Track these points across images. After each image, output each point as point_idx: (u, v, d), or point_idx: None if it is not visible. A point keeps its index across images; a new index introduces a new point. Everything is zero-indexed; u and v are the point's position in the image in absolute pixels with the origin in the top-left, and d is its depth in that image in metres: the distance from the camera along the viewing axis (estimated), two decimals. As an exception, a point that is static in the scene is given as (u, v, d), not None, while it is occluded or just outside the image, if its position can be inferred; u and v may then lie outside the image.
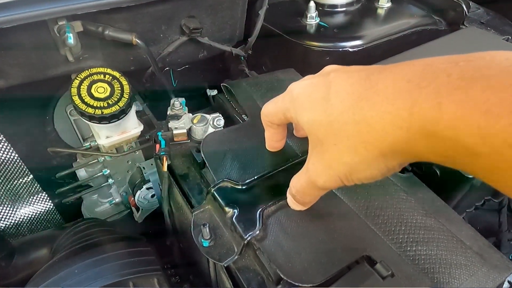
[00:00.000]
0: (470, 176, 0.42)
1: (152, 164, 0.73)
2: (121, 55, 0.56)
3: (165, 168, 0.45)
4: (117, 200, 0.80)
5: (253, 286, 0.36)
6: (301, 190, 0.34)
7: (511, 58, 0.19)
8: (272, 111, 0.35)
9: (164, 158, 0.44)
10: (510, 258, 0.64)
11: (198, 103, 0.96)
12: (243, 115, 0.51)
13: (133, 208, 0.77)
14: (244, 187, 0.41)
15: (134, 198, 0.73)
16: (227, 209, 0.39)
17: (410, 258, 0.34)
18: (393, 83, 0.23)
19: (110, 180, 0.75)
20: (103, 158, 0.69)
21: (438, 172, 0.45)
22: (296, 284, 0.32)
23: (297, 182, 0.34)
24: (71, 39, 0.46)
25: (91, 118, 0.43)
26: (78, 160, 0.76)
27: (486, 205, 0.62)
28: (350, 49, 0.57)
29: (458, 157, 0.20)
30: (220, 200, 0.39)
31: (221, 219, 0.40)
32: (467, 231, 0.38)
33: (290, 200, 0.38)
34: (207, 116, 0.50)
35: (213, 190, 0.40)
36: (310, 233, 0.36)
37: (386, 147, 0.24)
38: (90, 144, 0.70)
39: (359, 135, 0.24)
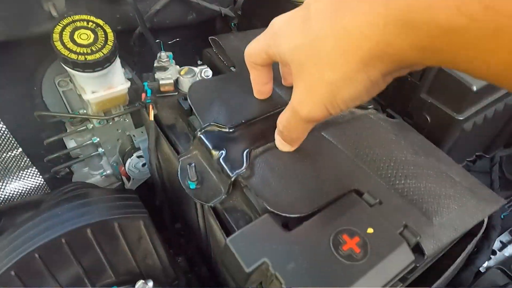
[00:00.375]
0: (461, 118, 0.42)
1: (142, 132, 0.72)
2: (107, 11, 0.55)
3: (151, 117, 0.44)
4: (108, 171, 0.79)
5: (240, 225, 0.35)
6: (287, 124, 0.33)
7: None
8: (255, 50, 0.34)
9: (150, 107, 0.43)
10: (502, 217, 0.64)
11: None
12: (231, 67, 0.50)
13: (124, 178, 0.76)
14: (231, 130, 0.40)
15: (125, 167, 0.72)
16: (214, 152, 0.38)
17: (399, 191, 0.34)
18: None
19: (100, 150, 0.73)
20: (92, 125, 0.67)
21: (428, 117, 0.45)
22: (283, 214, 0.31)
23: (282, 117, 0.34)
24: (53, -12, 0.45)
25: (74, 64, 0.42)
26: (68, 131, 0.74)
27: (478, 166, 0.62)
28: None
29: (438, 42, 0.20)
30: (207, 143, 0.39)
31: (208, 163, 0.39)
32: (457, 169, 0.38)
33: (278, 140, 0.37)
34: (195, 68, 0.49)
35: (199, 133, 0.39)
36: (298, 171, 0.36)
37: (365, 53, 0.23)
38: (78, 112, 0.69)
39: (339, 46, 0.24)
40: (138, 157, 0.71)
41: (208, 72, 0.48)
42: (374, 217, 0.30)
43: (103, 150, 0.74)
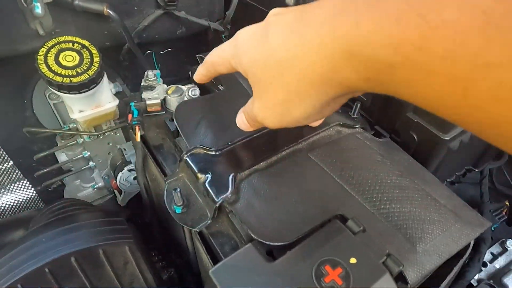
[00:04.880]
0: (446, 138, 0.42)
1: (133, 146, 0.72)
2: (95, 28, 0.54)
3: (138, 138, 0.44)
4: (99, 184, 0.79)
5: (225, 250, 0.35)
6: (247, 120, 0.34)
7: None
8: (220, 59, 0.33)
9: (137, 128, 0.43)
10: (493, 229, 0.64)
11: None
12: (219, 86, 0.50)
13: (116, 191, 0.76)
14: (217, 153, 0.40)
15: (116, 181, 0.72)
16: (199, 175, 0.38)
17: (384, 215, 0.34)
18: (321, 11, 0.23)
19: (91, 163, 0.73)
20: (82, 139, 0.67)
21: (415, 136, 0.45)
22: (267, 242, 0.31)
23: (241, 115, 0.34)
24: (38, 8, 0.45)
25: (60, 87, 0.42)
26: (58, 145, 0.74)
27: (468, 178, 0.62)
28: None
29: (380, 75, 0.20)
30: (193, 166, 0.39)
31: (194, 186, 0.39)
32: (442, 191, 0.38)
33: (239, 119, 0.36)
34: (182, 87, 0.48)
35: (185, 156, 0.39)
36: (282, 195, 0.36)
37: (315, 78, 0.24)
38: (69, 126, 0.69)
39: (291, 70, 0.25)
40: (130, 170, 0.71)
41: (196, 91, 0.48)
42: (358, 246, 0.30)
43: (94, 163, 0.74)
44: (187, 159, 0.39)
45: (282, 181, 0.38)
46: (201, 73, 0.38)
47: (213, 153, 0.40)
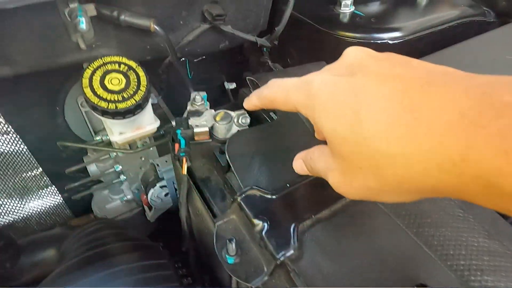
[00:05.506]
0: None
1: (166, 161, 0.69)
2: (137, 43, 0.51)
3: (184, 171, 0.40)
4: (128, 197, 0.76)
5: (285, 312, 0.31)
6: (308, 170, 0.31)
7: None
8: (281, 99, 0.29)
9: (184, 160, 0.39)
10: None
11: (214, 95, 0.91)
12: (270, 113, 0.46)
13: (146, 207, 0.73)
14: (275, 197, 0.36)
15: (147, 197, 0.69)
16: (255, 221, 0.34)
17: (475, 290, 0.29)
18: (441, 112, 0.18)
19: (122, 177, 0.70)
20: (115, 153, 0.64)
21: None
22: (340, 317, 0.27)
23: (305, 162, 0.31)
24: (83, 23, 0.41)
25: (104, 113, 0.38)
26: (88, 154, 0.72)
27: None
28: (390, 41, 0.51)
29: (498, 200, 0.17)
30: (247, 210, 0.35)
31: (248, 232, 0.35)
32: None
33: (298, 166, 0.33)
34: (231, 113, 0.44)
35: (239, 198, 0.35)
36: (352, 253, 0.31)
37: (425, 188, 0.20)
38: (101, 138, 0.66)
39: (393, 168, 0.20)
40: (161, 187, 0.68)
41: (246, 119, 0.43)
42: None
43: (125, 177, 0.71)
44: (242, 202, 0.35)
45: (351, 235, 0.33)
46: (253, 104, 0.34)
47: (270, 196, 0.36)
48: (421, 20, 0.56)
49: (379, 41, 0.51)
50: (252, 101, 0.34)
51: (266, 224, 0.33)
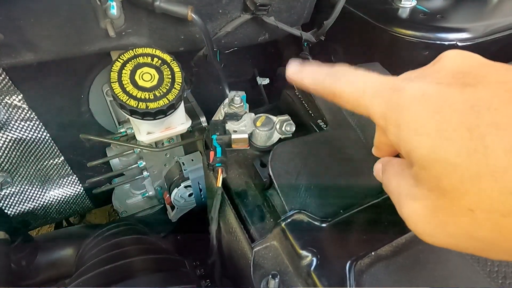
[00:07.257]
0: None
1: (192, 160, 0.64)
2: (171, 32, 0.46)
3: (219, 183, 0.35)
4: (150, 193, 0.72)
5: None
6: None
7: None
8: (351, 98, 0.22)
9: (220, 171, 0.34)
10: None
11: (243, 89, 0.86)
12: (318, 121, 0.40)
13: (168, 206, 0.69)
14: (325, 225, 0.30)
15: (170, 196, 0.65)
16: (303, 253, 0.29)
17: None
18: None
19: (145, 173, 0.67)
20: (139, 149, 0.60)
21: None
22: None
23: (384, 184, 0.23)
24: (114, 8, 0.37)
25: (133, 112, 0.34)
26: (111, 146, 0.68)
27: None
28: (459, 43, 0.44)
29: None
30: (292, 239, 0.29)
31: (291, 263, 0.30)
32: None
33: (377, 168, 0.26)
34: (273, 117, 0.39)
35: (283, 223, 0.30)
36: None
37: None
38: (126, 131, 0.62)
39: None
40: (186, 187, 0.64)
41: (291, 127, 0.38)
42: None
43: (148, 174, 0.67)
44: (286, 228, 0.30)
45: (416, 276, 0.27)
46: (304, 85, 0.25)
47: (320, 224, 0.30)
48: (497, 19, 0.48)
49: (446, 43, 0.44)
50: (305, 80, 0.25)
51: (315, 259, 0.28)
